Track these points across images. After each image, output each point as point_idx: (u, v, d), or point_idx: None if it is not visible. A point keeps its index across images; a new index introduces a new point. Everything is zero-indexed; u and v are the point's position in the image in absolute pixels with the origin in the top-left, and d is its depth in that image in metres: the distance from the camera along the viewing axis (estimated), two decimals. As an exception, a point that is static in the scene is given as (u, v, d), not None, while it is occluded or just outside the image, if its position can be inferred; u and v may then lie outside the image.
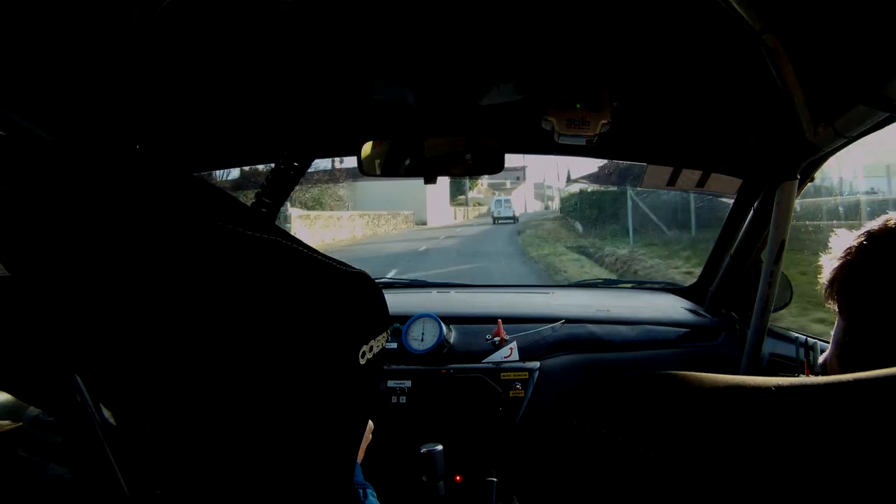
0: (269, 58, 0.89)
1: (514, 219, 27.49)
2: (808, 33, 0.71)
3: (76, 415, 0.26)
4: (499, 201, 29.32)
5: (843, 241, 0.52)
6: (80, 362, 0.25)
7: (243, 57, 0.88)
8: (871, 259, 0.49)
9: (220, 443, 0.27)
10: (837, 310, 0.52)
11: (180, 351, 0.26)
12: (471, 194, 39.34)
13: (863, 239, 0.50)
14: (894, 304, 0.45)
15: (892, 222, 0.49)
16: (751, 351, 1.12)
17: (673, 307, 1.53)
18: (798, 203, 1.05)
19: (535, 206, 46.07)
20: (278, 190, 0.57)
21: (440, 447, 1.11)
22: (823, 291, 0.54)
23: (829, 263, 0.52)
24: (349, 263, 0.34)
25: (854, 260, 0.50)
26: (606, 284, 1.93)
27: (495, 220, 27.87)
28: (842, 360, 0.51)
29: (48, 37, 0.70)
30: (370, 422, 0.79)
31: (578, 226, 15.25)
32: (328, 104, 0.86)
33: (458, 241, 14.83)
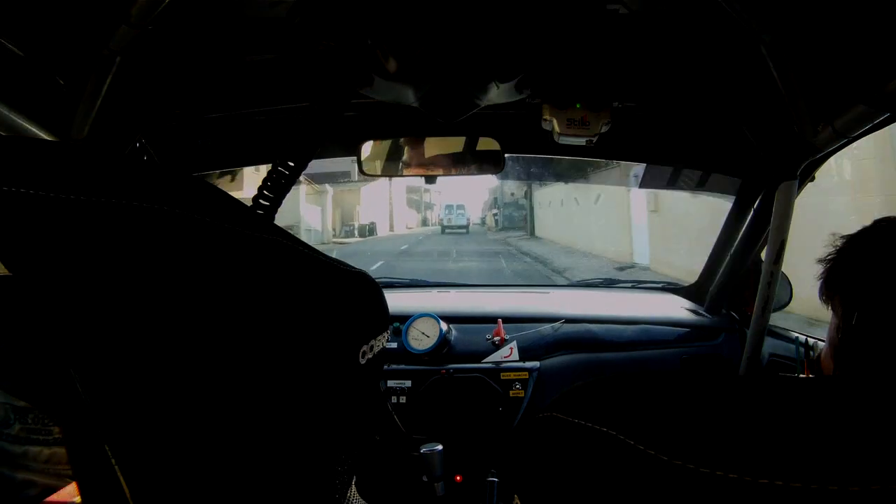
0: (269, 57, 0.89)
1: (466, 228, 23.85)
2: (807, 33, 0.71)
3: (76, 415, 0.26)
4: (449, 206, 24.86)
5: (836, 244, 0.53)
6: (80, 362, 0.25)
7: (243, 56, 0.88)
8: (859, 253, 0.49)
9: (219, 443, 0.27)
10: (831, 308, 0.53)
11: (180, 351, 0.26)
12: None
13: (852, 237, 0.51)
14: (885, 294, 0.46)
15: (882, 223, 0.50)
16: (751, 351, 1.12)
17: (673, 307, 1.53)
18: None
19: (411, 219, 32.14)
20: (276, 190, 0.57)
21: (440, 447, 1.11)
22: (819, 294, 0.54)
23: (822, 266, 0.53)
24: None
25: (843, 257, 0.51)
26: (606, 284, 1.93)
27: (444, 228, 23.94)
28: (836, 357, 0.51)
29: (48, 36, 0.70)
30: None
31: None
32: (327, 104, 0.86)
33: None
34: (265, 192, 0.57)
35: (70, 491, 0.32)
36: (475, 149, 1.20)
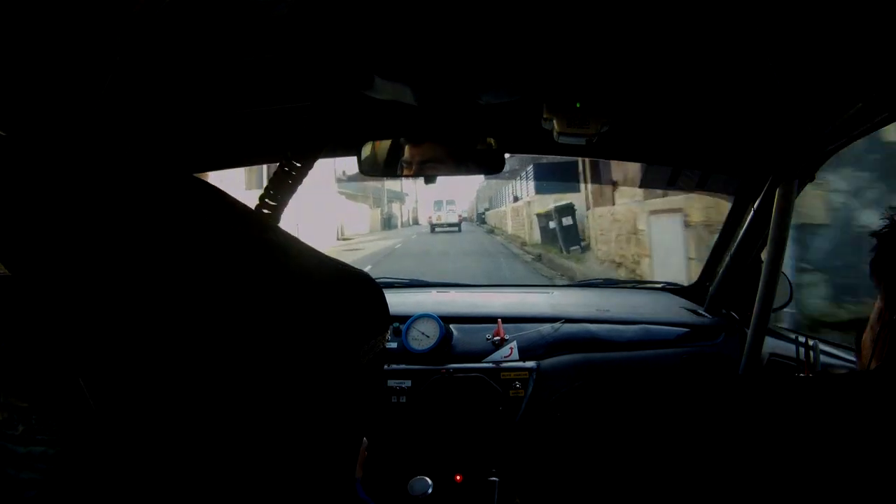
0: (269, 57, 0.89)
1: (458, 226, 21.88)
2: (807, 33, 0.71)
3: (78, 416, 0.26)
4: (439, 203, 22.84)
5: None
6: (82, 362, 0.25)
7: (243, 56, 0.88)
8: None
9: (220, 443, 0.27)
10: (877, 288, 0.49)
11: (183, 351, 0.26)
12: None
13: (891, 218, 0.47)
14: None
15: None
16: (751, 351, 1.12)
17: (673, 307, 1.53)
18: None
19: (356, 219, 20.86)
20: (282, 190, 0.57)
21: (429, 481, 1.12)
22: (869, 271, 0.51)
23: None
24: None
25: (883, 241, 0.48)
26: (606, 284, 1.93)
27: (433, 227, 21.87)
28: (875, 343, 0.48)
29: (48, 37, 0.70)
30: (364, 439, 0.78)
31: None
32: (328, 104, 0.86)
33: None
34: (271, 191, 0.57)
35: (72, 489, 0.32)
36: (475, 148, 1.20)
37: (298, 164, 0.61)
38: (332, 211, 16.96)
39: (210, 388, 0.26)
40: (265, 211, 0.54)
